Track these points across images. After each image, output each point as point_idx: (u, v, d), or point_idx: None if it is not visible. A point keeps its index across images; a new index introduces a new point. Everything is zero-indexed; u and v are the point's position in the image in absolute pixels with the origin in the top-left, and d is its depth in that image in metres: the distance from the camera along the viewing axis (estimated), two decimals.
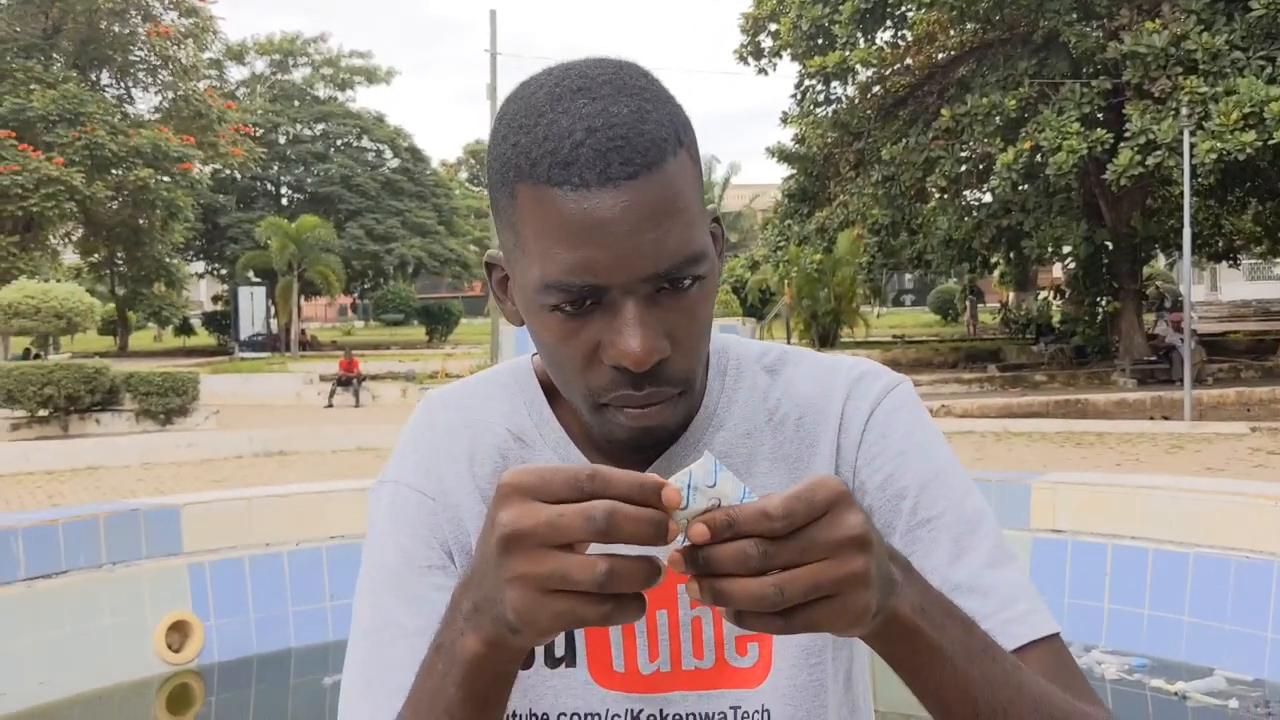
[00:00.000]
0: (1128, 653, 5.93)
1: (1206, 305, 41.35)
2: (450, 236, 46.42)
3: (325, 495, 6.66)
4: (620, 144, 0.80)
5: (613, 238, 0.80)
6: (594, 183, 0.80)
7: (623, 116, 0.81)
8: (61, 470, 12.87)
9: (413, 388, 23.43)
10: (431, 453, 0.99)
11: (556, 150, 0.81)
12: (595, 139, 0.80)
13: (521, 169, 0.83)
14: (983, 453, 12.22)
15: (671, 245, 0.82)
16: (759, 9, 23.06)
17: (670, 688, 0.95)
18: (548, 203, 0.81)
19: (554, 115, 0.82)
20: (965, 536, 0.91)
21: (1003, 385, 21.68)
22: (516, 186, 0.83)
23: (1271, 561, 5.54)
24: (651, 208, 0.81)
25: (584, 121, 0.81)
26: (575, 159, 0.80)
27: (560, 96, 0.83)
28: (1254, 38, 17.74)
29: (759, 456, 0.97)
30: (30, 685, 5.44)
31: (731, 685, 0.95)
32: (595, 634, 0.95)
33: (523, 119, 0.84)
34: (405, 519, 0.97)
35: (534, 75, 0.88)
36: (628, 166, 0.80)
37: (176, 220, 32.62)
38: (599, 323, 0.84)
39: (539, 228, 0.82)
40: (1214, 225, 25.48)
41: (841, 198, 24.36)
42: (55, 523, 5.71)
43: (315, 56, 46.16)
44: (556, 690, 0.96)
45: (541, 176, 0.81)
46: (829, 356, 1.03)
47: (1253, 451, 11.69)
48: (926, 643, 0.76)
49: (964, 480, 0.96)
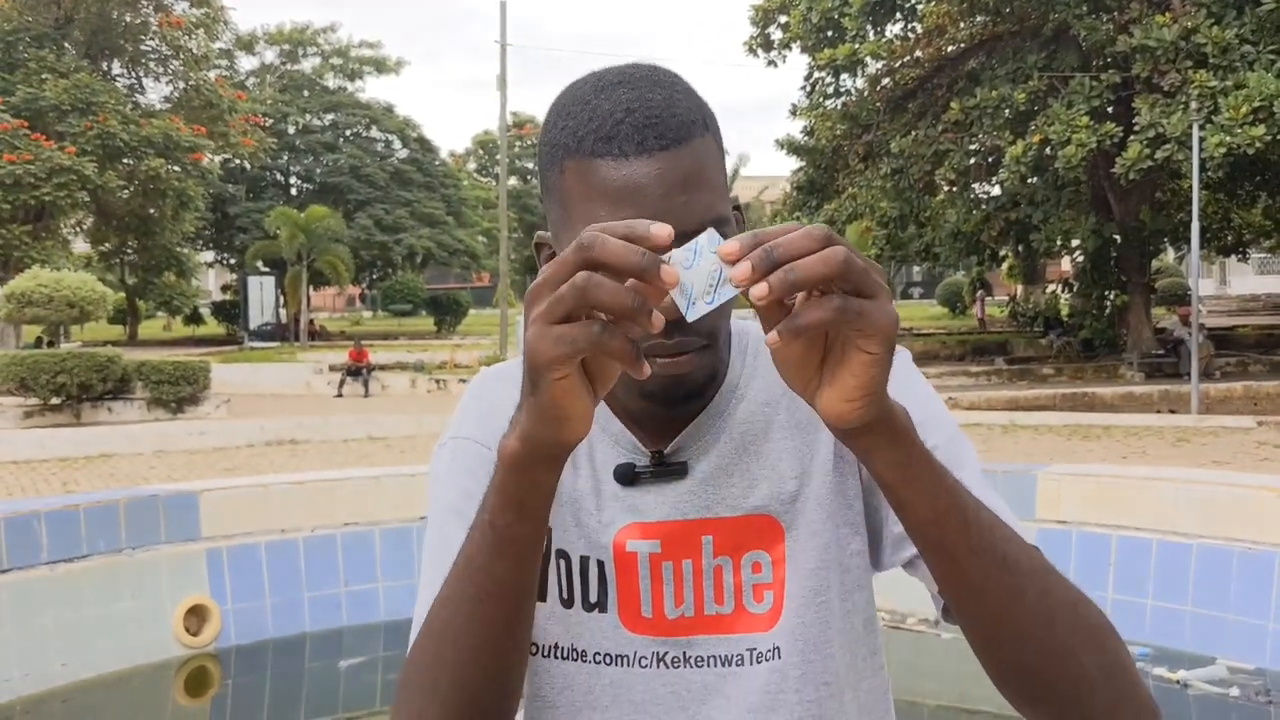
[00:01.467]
0: (1131, 642, 5.95)
1: (1215, 299, 41.30)
2: (459, 227, 46.48)
3: (340, 483, 6.76)
4: (655, 121, 0.94)
5: (648, 199, 0.92)
6: (632, 153, 0.93)
7: (657, 100, 0.95)
8: (75, 458, 12.98)
9: (422, 378, 23.54)
10: (487, 411, 1.10)
11: (600, 128, 0.94)
12: (633, 118, 0.93)
13: (569, 147, 0.95)
14: (990, 445, 12.28)
15: (699, 209, 0.94)
16: (769, 1, 23.08)
17: (693, 631, 1.05)
18: (592, 172, 0.94)
19: (598, 101, 0.95)
20: (954, 467, 0.97)
21: (1010, 378, 21.73)
22: (565, 162, 0.96)
23: (1273, 553, 5.61)
24: (682, 175, 0.94)
25: (623, 104, 0.94)
26: (616, 134, 0.93)
27: (603, 88, 0.97)
28: (1264, 32, 17.74)
29: (776, 424, 1.08)
30: (53, 666, 5.55)
31: (748, 630, 1.05)
32: (626, 583, 1.05)
33: (570, 106, 0.97)
34: (465, 465, 1.08)
35: (583, 76, 1.01)
36: (661, 140, 0.93)
37: (187, 210, 32.71)
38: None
39: (584, 194, 0.95)
40: (1223, 219, 25.49)
41: (850, 190, 24.38)
42: (76, 508, 5.81)
43: (325, 47, 46.22)
44: (592, 631, 1.06)
45: (587, 150, 0.94)
46: None
47: (1259, 445, 11.75)
48: (918, 448, 0.85)
49: (954, 426, 1.07)
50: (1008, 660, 0.91)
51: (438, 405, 19.51)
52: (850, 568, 1.07)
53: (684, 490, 1.05)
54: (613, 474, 1.06)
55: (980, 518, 0.88)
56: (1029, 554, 0.91)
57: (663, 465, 1.05)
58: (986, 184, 24.68)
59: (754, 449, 1.07)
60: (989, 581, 0.88)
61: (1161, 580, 6.02)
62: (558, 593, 1.07)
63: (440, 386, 22.83)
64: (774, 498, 1.06)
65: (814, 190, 25.91)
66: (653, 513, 1.05)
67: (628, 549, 1.05)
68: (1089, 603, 0.93)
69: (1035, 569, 0.91)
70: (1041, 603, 0.90)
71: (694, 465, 1.06)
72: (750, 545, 1.05)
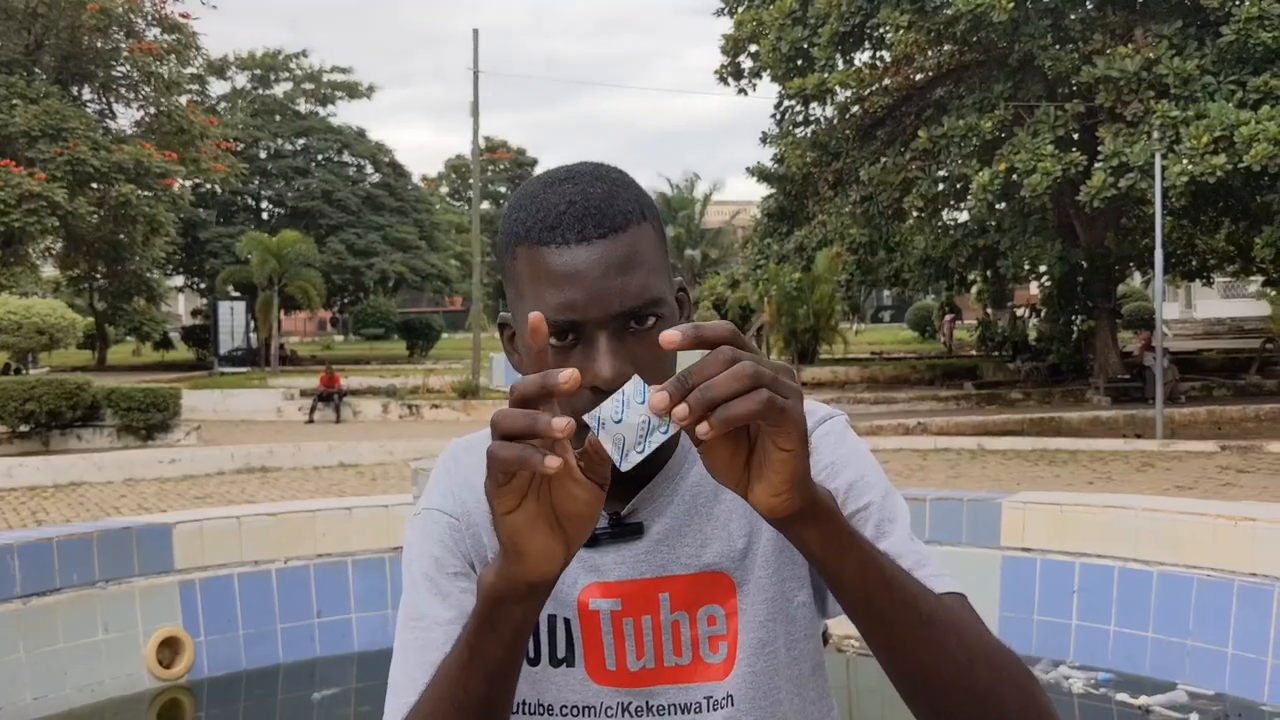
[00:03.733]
0: (1094, 667, 6.11)
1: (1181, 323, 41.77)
2: (431, 251, 46.49)
3: (314, 514, 6.78)
4: (594, 211, 1.04)
5: (587, 282, 1.02)
6: (573, 241, 1.03)
7: (597, 193, 1.06)
8: (45, 486, 12.91)
9: (394, 403, 23.50)
10: (456, 484, 1.19)
11: (545, 219, 1.05)
12: (574, 209, 1.04)
13: (519, 235, 1.06)
14: (958, 470, 12.41)
15: (633, 289, 1.04)
16: (739, 30, 23.31)
17: (654, 682, 1.13)
18: (538, 258, 1.04)
19: (545, 195, 1.07)
20: (885, 523, 1.11)
21: (979, 403, 21.93)
22: (516, 249, 1.07)
23: (1231, 580, 5.73)
24: (618, 260, 1.04)
25: (567, 197, 1.06)
26: (559, 224, 1.04)
27: (551, 183, 1.08)
28: (1224, 63, 18.07)
29: (725, 488, 1.15)
30: (25, 700, 5.55)
31: (705, 679, 1.13)
32: (590, 639, 1.13)
33: (523, 200, 1.09)
34: (435, 535, 1.17)
35: (537, 175, 1.14)
36: (599, 228, 1.04)
37: (158, 235, 32.58)
38: (579, 355, 1.03)
39: (532, 276, 1.05)
40: (1187, 245, 25.84)
41: (820, 217, 24.64)
42: (49, 540, 5.82)
43: (297, 72, 46.22)
44: (559, 686, 1.14)
45: (534, 239, 1.05)
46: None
47: (1222, 470, 11.92)
48: (845, 527, 0.94)
49: (885, 484, 1.15)
50: (934, 706, 1.00)
51: (410, 431, 19.50)
52: (796, 618, 1.16)
53: (641, 550, 1.13)
54: None
55: (903, 582, 0.98)
56: (947, 608, 1.01)
57: (620, 526, 1.13)
58: (954, 211, 25.01)
59: (705, 510, 1.15)
60: (911, 638, 0.97)
61: (1124, 607, 6.13)
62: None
63: (413, 412, 22.80)
64: (725, 555, 1.14)
65: (784, 217, 26.14)
66: (612, 573, 1.13)
67: (591, 607, 1.13)
68: (1006, 650, 1.03)
69: (954, 622, 1.00)
70: (962, 652, 0.99)
71: (650, 526, 1.14)
72: (705, 600, 1.13)
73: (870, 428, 16.86)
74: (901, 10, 19.48)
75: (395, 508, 6.98)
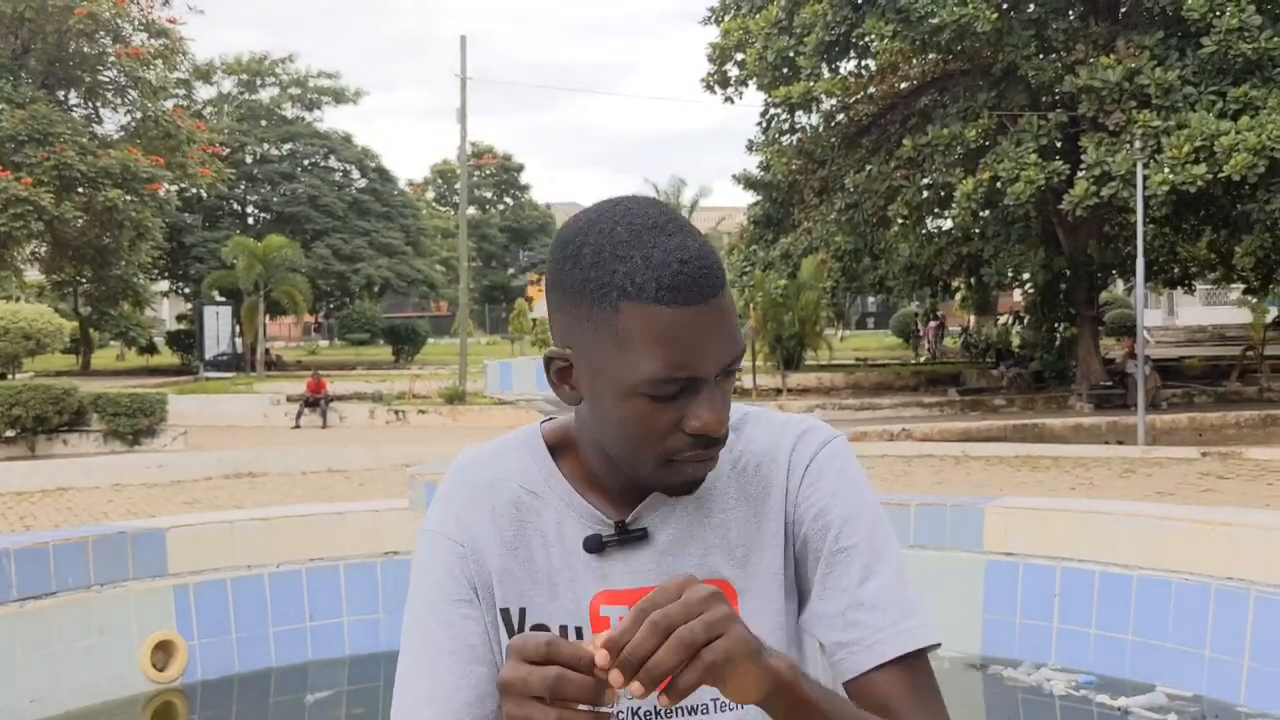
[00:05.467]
0: (1076, 670, 6.22)
1: (1163, 330, 42.05)
2: (417, 256, 46.49)
3: (306, 519, 6.85)
4: (705, 271, 1.08)
5: (706, 341, 1.08)
6: (693, 301, 1.07)
7: (695, 249, 1.09)
8: (31, 491, 12.90)
9: (380, 408, 23.53)
10: (461, 506, 1.25)
11: (660, 278, 1.06)
12: (689, 269, 1.07)
13: (627, 291, 1.07)
14: (942, 476, 12.52)
15: (738, 343, 1.11)
16: (726, 39, 23.45)
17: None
18: (655, 318, 1.07)
19: (650, 249, 1.08)
20: (874, 563, 1.19)
21: (963, 409, 22.07)
22: (622, 304, 1.08)
23: (1209, 583, 5.84)
24: (727, 316, 1.10)
25: (676, 255, 1.07)
26: (676, 285, 1.06)
27: (640, 232, 1.09)
28: (1205, 74, 18.28)
29: (728, 497, 1.23)
30: (21, 703, 5.61)
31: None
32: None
33: (614, 250, 1.09)
34: (441, 561, 1.22)
35: (590, 214, 1.14)
36: (711, 288, 1.08)
37: (144, 240, 32.54)
38: (682, 403, 1.10)
39: (646, 337, 1.07)
40: (1169, 252, 26.03)
41: (806, 224, 24.81)
42: (45, 545, 5.88)
43: (283, 77, 46.19)
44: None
45: (649, 297, 1.07)
46: (781, 415, 1.30)
47: (1202, 476, 12.04)
48: (801, 695, 1.04)
49: (877, 518, 1.22)
50: None
51: (397, 436, 19.54)
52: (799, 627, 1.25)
53: (648, 559, 1.20)
54: (582, 545, 1.20)
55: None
56: None
57: (626, 533, 1.20)
58: (939, 218, 25.17)
59: (707, 519, 1.21)
60: None
61: (1104, 610, 6.23)
62: None
63: (399, 417, 22.84)
64: (726, 563, 1.21)
65: (770, 224, 26.30)
66: (620, 581, 1.20)
67: (601, 614, 1.19)
68: None
69: None
70: None
71: (655, 533, 1.20)
72: None
73: (855, 434, 16.97)
74: (887, 20, 19.64)
75: (387, 512, 7.05)
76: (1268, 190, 17.89)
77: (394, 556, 6.81)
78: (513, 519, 1.22)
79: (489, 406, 23.15)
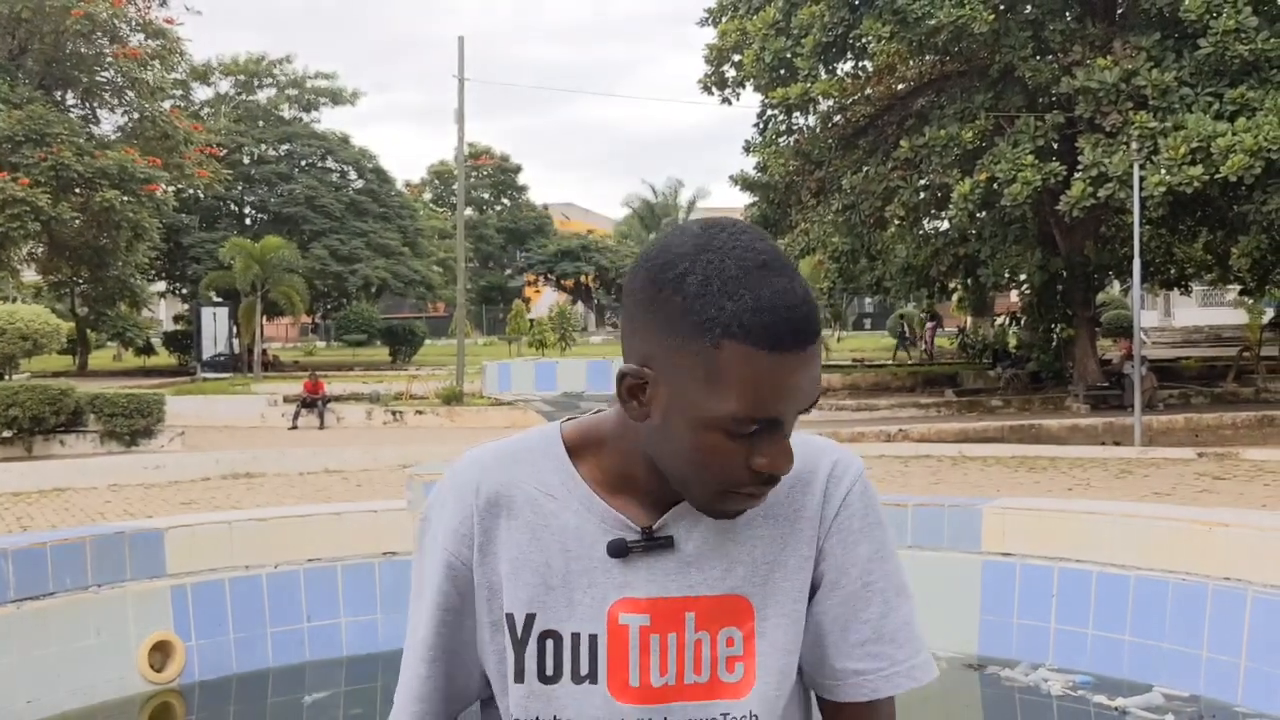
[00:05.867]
0: (1073, 670, 6.23)
1: (1160, 331, 42.10)
2: (415, 257, 46.46)
3: (303, 519, 6.86)
4: (806, 320, 1.09)
5: (796, 387, 1.10)
6: (793, 348, 1.08)
7: (801, 294, 1.10)
8: (28, 492, 12.89)
9: (378, 409, 23.52)
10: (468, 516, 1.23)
11: (767, 323, 1.07)
12: (793, 314, 1.08)
13: (730, 329, 1.07)
14: (939, 477, 12.53)
15: (819, 388, 1.13)
16: (723, 40, 23.46)
17: (674, 699, 1.20)
18: (755, 359, 1.08)
19: (756, 290, 1.08)
20: (894, 598, 1.25)
21: (960, 409, 22.08)
22: (723, 340, 1.08)
23: (1206, 583, 5.86)
24: (816, 362, 1.12)
25: (782, 299, 1.08)
26: (782, 331, 1.08)
27: (751, 270, 1.09)
28: (1202, 75, 18.30)
29: (756, 515, 1.23)
30: (19, 704, 5.61)
31: (722, 696, 1.20)
32: (616, 654, 1.20)
33: (723, 285, 1.08)
34: (431, 565, 1.25)
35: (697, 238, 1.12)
36: (810, 336, 1.10)
37: (141, 241, 32.52)
38: (755, 440, 1.12)
39: (742, 375, 1.08)
40: (1166, 253, 26.07)
41: (803, 225, 24.82)
42: (43, 545, 5.88)
43: (280, 78, 46.17)
44: (580, 703, 1.20)
45: (755, 340, 1.07)
46: (810, 436, 1.30)
47: (1198, 476, 12.05)
48: None
49: (896, 554, 1.28)
50: None
51: (395, 437, 19.55)
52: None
53: (670, 569, 1.20)
54: (606, 549, 1.20)
55: None
56: None
57: (651, 540, 1.20)
58: (935, 220, 25.19)
59: (733, 534, 1.21)
60: None
61: (1101, 610, 6.25)
62: (537, 672, 1.20)
63: (397, 418, 22.83)
64: (748, 580, 1.21)
65: (767, 225, 26.24)
66: (642, 589, 1.19)
67: (620, 621, 1.19)
68: None
69: None
70: None
71: (680, 542, 1.20)
72: (725, 622, 1.20)
73: (852, 434, 16.99)
74: (884, 21, 19.65)
75: (385, 513, 7.05)
76: (1264, 191, 17.91)
77: (392, 557, 6.82)
78: (529, 523, 1.22)
79: (486, 407, 23.16)
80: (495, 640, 1.22)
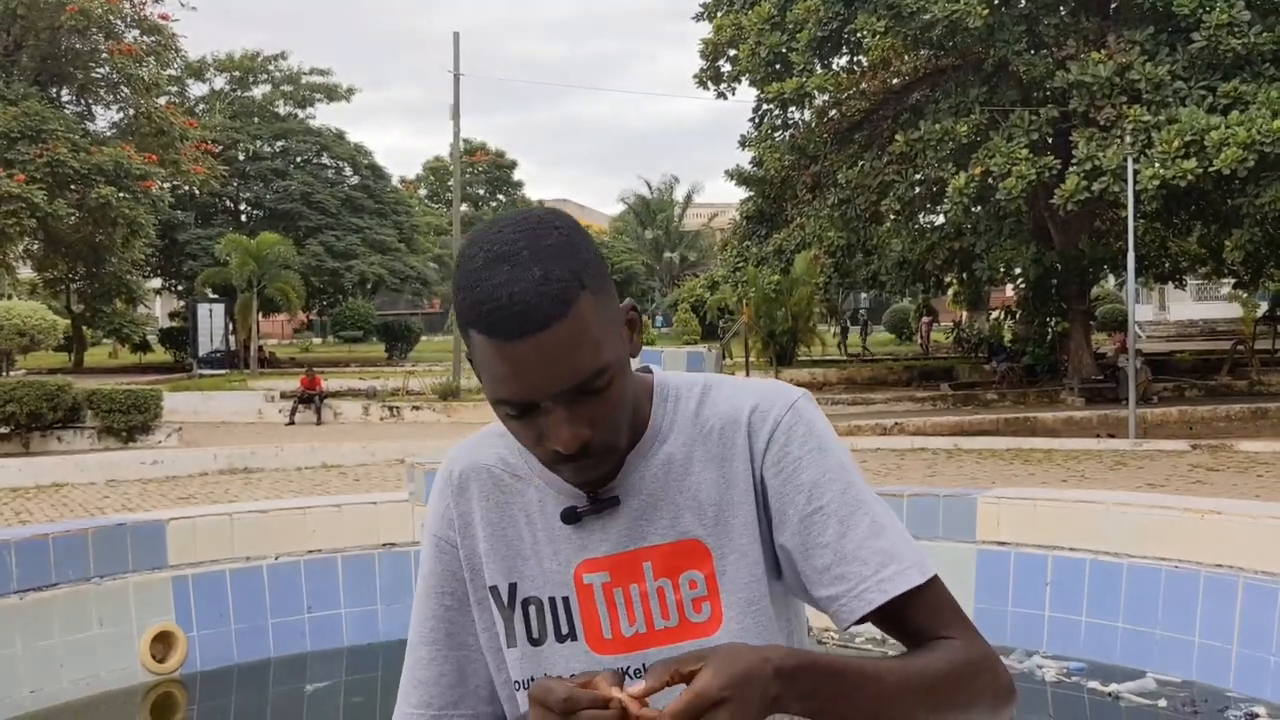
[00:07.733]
0: (1067, 657, 6.29)
1: (1154, 324, 42.19)
2: (411, 254, 46.45)
3: (304, 512, 6.90)
4: (530, 307, 1.10)
5: (532, 372, 1.12)
6: (514, 337, 1.11)
7: (531, 279, 1.11)
8: (27, 487, 12.93)
9: (375, 405, 23.55)
10: (443, 498, 1.35)
11: (488, 311, 1.11)
12: (513, 302, 1.10)
13: (469, 318, 1.14)
14: (934, 469, 12.59)
15: (580, 367, 1.13)
16: (718, 35, 23.48)
17: (648, 645, 1.26)
18: (487, 347, 1.13)
19: (485, 278, 1.12)
20: (849, 517, 1.23)
21: (955, 403, 22.15)
22: (469, 330, 1.15)
23: (1198, 571, 5.92)
24: (558, 347, 1.11)
25: (505, 288, 1.11)
26: (499, 319, 1.11)
27: (489, 263, 1.13)
28: (1195, 68, 18.36)
29: (695, 460, 1.28)
30: (22, 693, 5.65)
31: (693, 637, 1.25)
32: (587, 611, 1.27)
33: (468, 278, 1.14)
34: (427, 554, 1.35)
35: (480, 232, 1.18)
36: (536, 323, 1.10)
37: (137, 238, 32.51)
38: (540, 419, 1.16)
39: (484, 362, 1.14)
40: (1160, 247, 26.13)
41: (798, 220, 24.88)
42: (46, 537, 5.92)
43: (275, 74, 46.11)
44: (566, 659, 1.27)
45: (481, 328, 1.12)
46: (743, 380, 1.35)
47: (1192, 468, 12.12)
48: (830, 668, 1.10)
49: (847, 471, 1.26)
50: None
51: (391, 433, 19.58)
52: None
53: (621, 526, 1.26)
54: (559, 517, 1.27)
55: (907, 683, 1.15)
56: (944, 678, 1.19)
57: (598, 502, 1.26)
58: (931, 214, 25.26)
59: (676, 484, 1.26)
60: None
61: (1095, 598, 6.31)
62: (526, 636, 1.29)
63: (394, 414, 22.86)
64: (697, 524, 1.26)
65: (763, 220, 26.35)
66: (598, 548, 1.26)
67: (585, 581, 1.26)
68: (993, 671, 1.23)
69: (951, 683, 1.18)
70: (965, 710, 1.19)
71: (625, 500, 1.26)
72: (684, 567, 1.26)
73: (848, 428, 17.05)
74: (879, 16, 19.69)
75: (384, 505, 7.10)
76: (1257, 185, 17.96)
77: (391, 548, 6.87)
78: (497, 501, 1.32)
79: (482, 402, 23.17)
80: (484, 617, 1.31)
